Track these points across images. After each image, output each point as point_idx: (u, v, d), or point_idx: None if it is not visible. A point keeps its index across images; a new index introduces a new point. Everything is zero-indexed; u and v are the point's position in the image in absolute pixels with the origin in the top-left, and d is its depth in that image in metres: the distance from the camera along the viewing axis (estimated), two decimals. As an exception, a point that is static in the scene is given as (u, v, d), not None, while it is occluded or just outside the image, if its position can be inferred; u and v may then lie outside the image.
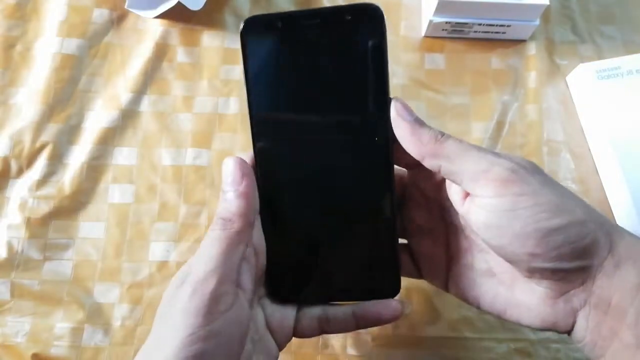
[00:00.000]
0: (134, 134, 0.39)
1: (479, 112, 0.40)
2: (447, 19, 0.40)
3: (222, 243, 0.24)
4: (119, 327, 0.35)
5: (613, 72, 0.38)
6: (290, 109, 0.25)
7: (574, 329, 0.24)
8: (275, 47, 0.25)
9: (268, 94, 0.25)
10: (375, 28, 0.24)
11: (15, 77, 0.40)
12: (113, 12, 0.42)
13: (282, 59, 0.25)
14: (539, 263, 0.23)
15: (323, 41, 0.24)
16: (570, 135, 0.40)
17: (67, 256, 0.36)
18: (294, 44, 0.24)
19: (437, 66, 0.42)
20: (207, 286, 0.23)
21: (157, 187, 0.38)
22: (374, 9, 0.24)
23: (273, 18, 0.24)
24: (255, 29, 0.24)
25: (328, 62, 0.25)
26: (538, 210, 0.22)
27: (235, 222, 0.24)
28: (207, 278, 0.23)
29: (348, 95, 0.25)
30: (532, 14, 0.39)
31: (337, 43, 0.24)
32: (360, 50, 0.24)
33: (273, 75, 0.25)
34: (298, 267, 0.27)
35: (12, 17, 0.42)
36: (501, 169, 0.23)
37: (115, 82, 0.40)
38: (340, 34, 0.24)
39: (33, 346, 0.34)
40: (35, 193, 0.37)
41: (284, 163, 0.26)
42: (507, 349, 0.35)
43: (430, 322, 0.35)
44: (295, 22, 0.24)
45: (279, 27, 0.24)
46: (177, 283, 0.24)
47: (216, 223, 0.24)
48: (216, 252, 0.23)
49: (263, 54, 0.24)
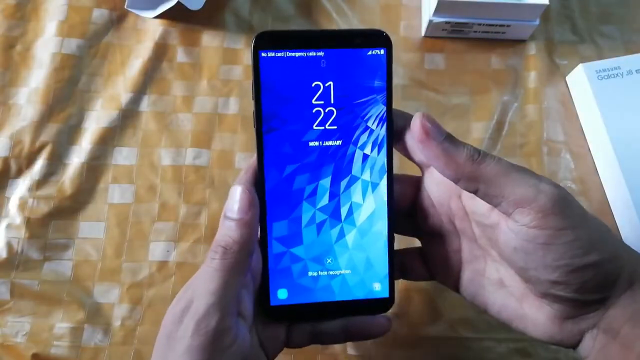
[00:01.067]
0: (133, 134, 0.39)
1: (478, 112, 0.40)
2: (447, 19, 0.40)
3: (222, 275, 0.23)
4: (118, 327, 0.35)
5: (613, 72, 0.38)
6: (297, 124, 0.26)
7: (580, 346, 0.24)
8: (286, 64, 0.25)
9: (276, 109, 0.25)
10: (383, 51, 0.26)
11: (15, 77, 0.40)
12: (113, 12, 0.42)
13: (292, 75, 0.25)
14: (559, 291, 0.22)
15: (331, 60, 0.25)
16: (570, 135, 0.40)
17: (67, 256, 0.36)
18: (305, 61, 0.25)
19: (437, 66, 0.42)
20: (210, 323, 0.22)
21: (157, 187, 0.38)
22: (383, 35, 0.26)
23: (284, 35, 0.25)
24: (266, 44, 0.25)
25: (335, 79, 0.26)
26: (575, 246, 0.21)
27: (236, 251, 0.23)
28: (209, 314, 0.22)
29: (352, 110, 0.26)
30: (532, 14, 0.39)
31: (345, 63, 0.26)
32: (367, 72, 0.26)
33: (283, 91, 0.25)
34: (293, 286, 0.27)
35: (12, 17, 0.42)
36: (546, 200, 0.21)
37: (115, 82, 0.40)
38: (349, 56, 0.26)
39: (33, 346, 0.34)
40: (35, 193, 0.37)
41: (287, 177, 0.26)
42: (507, 349, 0.35)
43: (430, 322, 0.35)
44: (307, 40, 0.25)
45: (290, 44, 0.25)
46: (177, 314, 0.23)
47: (216, 251, 0.23)
48: (217, 286, 0.23)
49: (273, 69, 0.25)
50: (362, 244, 0.27)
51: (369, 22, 0.42)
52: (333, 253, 0.27)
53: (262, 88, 0.25)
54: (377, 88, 0.26)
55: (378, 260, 0.27)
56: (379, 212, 0.27)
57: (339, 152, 0.26)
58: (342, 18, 0.42)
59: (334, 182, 0.26)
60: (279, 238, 0.26)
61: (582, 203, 0.38)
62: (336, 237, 0.27)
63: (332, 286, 0.27)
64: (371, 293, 0.27)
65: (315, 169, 0.26)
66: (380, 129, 0.26)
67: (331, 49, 0.25)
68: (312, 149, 0.26)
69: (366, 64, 0.26)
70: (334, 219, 0.27)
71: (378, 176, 0.26)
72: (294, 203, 0.26)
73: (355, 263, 0.27)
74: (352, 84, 0.26)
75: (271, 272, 0.26)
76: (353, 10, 0.43)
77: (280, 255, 0.26)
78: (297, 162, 0.26)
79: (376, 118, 0.26)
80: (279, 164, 0.26)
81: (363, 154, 0.26)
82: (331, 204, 0.26)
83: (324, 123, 0.26)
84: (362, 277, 0.27)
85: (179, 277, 0.36)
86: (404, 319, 0.35)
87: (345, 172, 0.26)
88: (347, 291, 0.27)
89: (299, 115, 0.26)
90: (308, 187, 0.26)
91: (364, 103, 0.26)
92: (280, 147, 0.26)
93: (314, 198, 0.26)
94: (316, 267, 0.27)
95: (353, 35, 0.26)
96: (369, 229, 0.27)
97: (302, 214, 0.26)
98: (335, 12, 0.43)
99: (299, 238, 0.26)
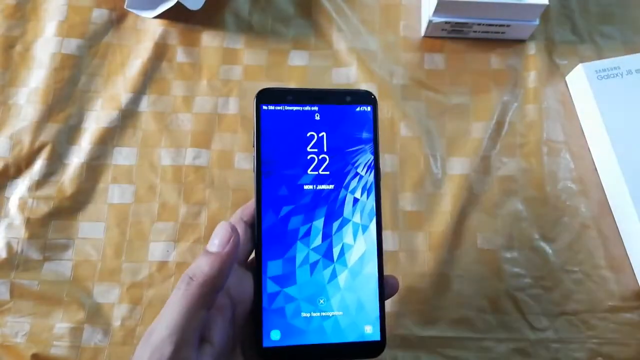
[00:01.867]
0: (133, 134, 0.39)
1: (478, 112, 0.40)
2: (446, 19, 0.40)
3: (183, 305, 0.23)
4: (118, 327, 0.35)
5: (613, 72, 0.38)
6: (293, 169, 0.28)
7: None
8: (284, 116, 0.28)
9: (275, 155, 0.28)
10: (369, 108, 0.29)
11: (15, 77, 0.40)
12: (113, 12, 0.42)
13: (289, 125, 0.28)
14: None
15: (325, 114, 0.28)
16: (570, 135, 0.40)
17: (66, 256, 0.36)
18: (300, 114, 0.28)
19: (437, 66, 0.42)
20: (163, 354, 0.22)
21: (156, 187, 0.38)
22: (369, 94, 0.29)
23: (283, 91, 0.28)
24: (267, 98, 0.28)
25: (328, 130, 0.28)
26: None
27: (200, 283, 0.23)
28: (163, 345, 0.22)
29: (343, 158, 0.28)
30: (532, 14, 0.39)
31: (337, 117, 0.28)
32: (356, 125, 0.28)
33: (281, 139, 0.28)
34: (286, 326, 0.27)
35: (12, 17, 0.42)
36: None
37: (114, 82, 0.40)
38: (340, 110, 0.28)
39: (33, 346, 0.34)
40: (34, 193, 0.37)
41: (283, 218, 0.27)
42: (507, 349, 0.35)
43: (430, 322, 0.35)
44: (303, 96, 0.28)
45: (288, 99, 0.28)
46: (142, 342, 0.23)
47: (182, 280, 0.24)
48: (175, 316, 0.23)
49: (273, 120, 0.28)
50: (353, 285, 0.27)
51: (369, 22, 0.42)
52: (326, 293, 0.27)
53: (262, 136, 0.27)
54: (365, 139, 0.28)
55: (369, 302, 0.27)
56: (369, 253, 0.28)
57: (332, 195, 0.28)
58: (342, 18, 0.42)
59: (326, 224, 0.27)
60: (274, 277, 0.27)
61: (582, 203, 0.38)
62: (329, 277, 0.27)
63: (325, 328, 0.27)
64: (363, 336, 0.27)
65: (310, 210, 0.27)
66: (368, 176, 0.28)
67: (324, 104, 0.28)
68: (306, 191, 0.27)
69: (355, 118, 0.28)
70: (327, 259, 0.27)
71: (368, 219, 0.28)
72: (289, 243, 0.27)
73: (348, 304, 0.27)
74: (343, 135, 0.28)
75: (265, 312, 0.27)
76: (353, 10, 0.43)
77: (274, 295, 0.27)
78: (293, 203, 0.27)
79: (365, 165, 0.28)
80: (275, 205, 0.27)
81: (354, 197, 0.28)
82: (324, 244, 0.27)
83: (317, 168, 0.28)
84: (353, 319, 0.27)
85: (179, 277, 0.36)
86: (404, 319, 0.35)
87: (337, 214, 0.28)
88: (339, 333, 0.27)
89: (295, 161, 0.28)
90: (302, 228, 0.27)
91: (354, 152, 0.28)
92: (277, 189, 0.27)
93: (307, 238, 0.27)
94: (309, 307, 0.27)
95: (343, 94, 0.29)
96: (360, 271, 0.27)
97: (296, 253, 0.27)
98: (335, 12, 0.43)
99: (293, 278, 0.27)
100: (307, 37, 0.42)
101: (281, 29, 0.42)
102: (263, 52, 0.42)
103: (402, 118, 0.40)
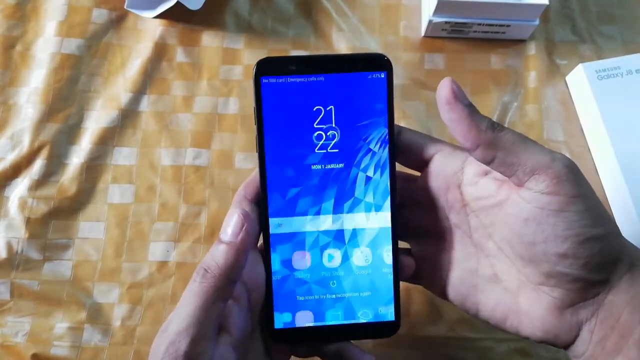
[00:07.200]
0: (133, 134, 0.39)
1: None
2: (446, 18, 0.40)
3: (199, 298, 0.23)
4: (118, 327, 0.35)
5: (613, 72, 0.38)
6: (299, 148, 0.26)
7: (575, 342, 0.23)
8: (287, 89, 0.26)
9: (279, 133, 0.26)
10: (383, 75, 0.26)
11: (14, 77, 0.40)
12: (113, 12, 0.42)
13: (293, 100, 0.26)
14: (566, 267, 0.22)
15: (332, 84, 0.26)
16: (570, 135, 0.40)
17: (66, 256, 0.36)
18: (305, 86, 0.26)
19: (437, 66, 0.42)
20: (179, 347, 0.22)
21: (156, 187, 0.38)
22: (383, 58, 0.26)
23: (285, 61, 0.26)
24: (267, 70, 0.25)
25: (336, 103, 0.26)
26: (585, 216, 0.22)
27: (216, 276, 0.23)
28: (179, 338, 0.22)
29: (354, 133, 0.26)
30: (532, 14, 0.39)
31: (346, 87, 0.26)
32: (368, 95, 0.26)
33: (285, 115, 0.26)
34: (297, 309, 0.27)
35: (12, 17, 0.42)
36: (561, 166, 0.22)
37: (114, 82, 0.40)
38: (350, 79, 0.26)
39: (33, 346, 0.34)
40: (34, 193, 0.37)
41: (290, 200, 0.26)
42: (507, 349, 0.35)
43: (430, 322, 0.35)
44: (308, 65, 0.26)
45: (291, 69, 0.25)
46: (158, 335, 0.23)
47: (198, 272, 0.24)
48: (191, 310, 0.23)
49: (275, 95, 0.25)
50: (366, 266, 0.27)
51: (369, 22, 0.42)
52: (337, 276, 0.27)
53: (264, 113, 0.25)
54: (378, 110, 0.26)
55: (383, 283, 0.27)
56: (383, 234, 0.27)
57: (342, 175, 0.26)
58: (342, 18, 0.42)
59: (337, 205, 0.26)
60: (283, 261, 0.26)
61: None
62: (340, 260, 0.27)
63: (337, 309, 0.27)
64: (377, 316, 0.27)
65: (318, 192, 0.26)
66: (382, 151, 0.26)
67: (332, 73, 0.26)
68: (314, 172, 0.26)
69: (367, 87, 0.26)
70: (338, 242, 0.26)
71: (381, 198, 0.26)
72: (298, 226, 0.26)
73: (360, 286, 0.27)
74: (353, 107, 0.26)
75: (275, 295, 0.26)
76: (353, 10, 0.43)
77: (284, 279, 0.26)
78: (300, 185, 0.26)
79: (378, 140, 0.26)
80: (282, 187, 0.26)
81: (366, 176, 0.26)
82: (334, 226, 0.26)
83: (326, 146, 0.26)
84: (367, 301, 0.27)
85: (179, 277, 0.36)
86: (404, 319, 0.35)
87: (348, 195, 0.26)
88: (352, 314, 0.27)
89: (301, 139, 0.26)
90: (311, 210, 0.26)
91: (365, 126, 0.26)
92: (283, 170, 0.26)
93: (317, 221, 0.26)
94: (320, 290, 0.26)
95: (354, 60, 0.26)
96: (374, 252, 0.27)
97: (305, 237, 0.26)
98: (335, 12, 0.43)
99: (303, 261, 0.26)
100: (307, 37, 0.42)
101: (281, 29, 0.42)
102: (263, 52, 0.41)
103: (402, 118, 0.40)
